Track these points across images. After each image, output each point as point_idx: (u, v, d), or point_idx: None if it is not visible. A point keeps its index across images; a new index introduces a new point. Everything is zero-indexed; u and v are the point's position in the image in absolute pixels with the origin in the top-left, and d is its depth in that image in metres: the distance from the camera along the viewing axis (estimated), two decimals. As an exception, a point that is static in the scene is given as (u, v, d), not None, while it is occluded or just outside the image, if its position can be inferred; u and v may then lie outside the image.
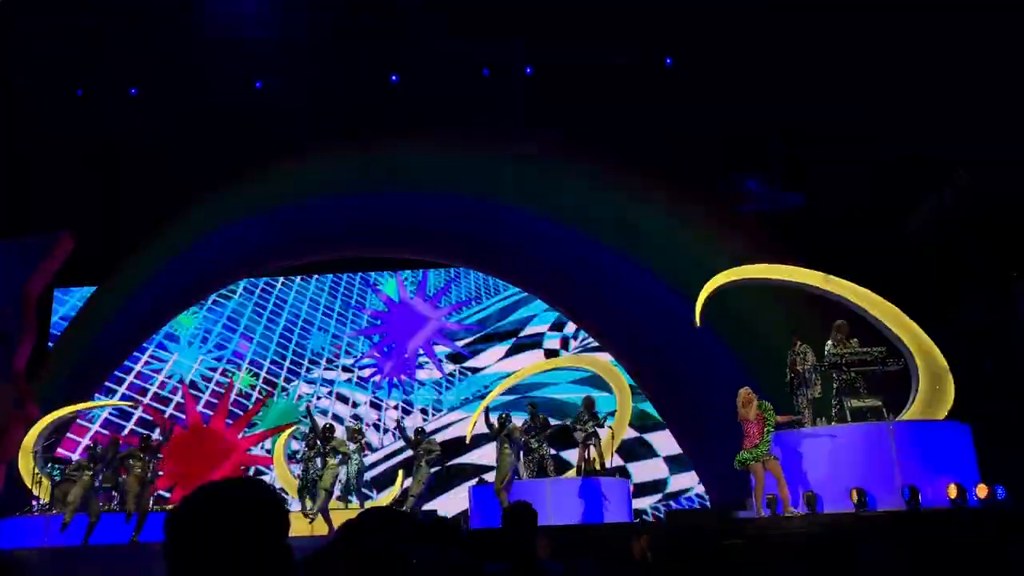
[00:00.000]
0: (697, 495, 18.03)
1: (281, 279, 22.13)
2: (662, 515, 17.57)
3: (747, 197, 16.17)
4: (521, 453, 12.92)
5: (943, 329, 11.37)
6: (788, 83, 14.85)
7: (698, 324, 11.72)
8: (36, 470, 14.94)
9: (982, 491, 9.30)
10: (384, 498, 17.17)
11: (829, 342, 10.89)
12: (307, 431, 15.35)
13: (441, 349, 20.97)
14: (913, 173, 14.35)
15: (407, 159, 16.78)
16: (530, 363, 18.80)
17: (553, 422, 13.70)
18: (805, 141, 15.29)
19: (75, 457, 16.93)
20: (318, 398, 20.46)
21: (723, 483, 14.35)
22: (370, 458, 17.90)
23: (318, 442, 13.20)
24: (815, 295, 11.82)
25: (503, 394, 16.95)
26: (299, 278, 22.13)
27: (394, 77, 16.65)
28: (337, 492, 13.37)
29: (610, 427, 14.17)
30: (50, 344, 19.16)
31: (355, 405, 20.44)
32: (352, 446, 13.65)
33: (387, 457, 19.47)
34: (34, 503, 14.84)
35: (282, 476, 17.14)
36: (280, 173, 17.49)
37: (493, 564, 3.97)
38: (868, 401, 10.67)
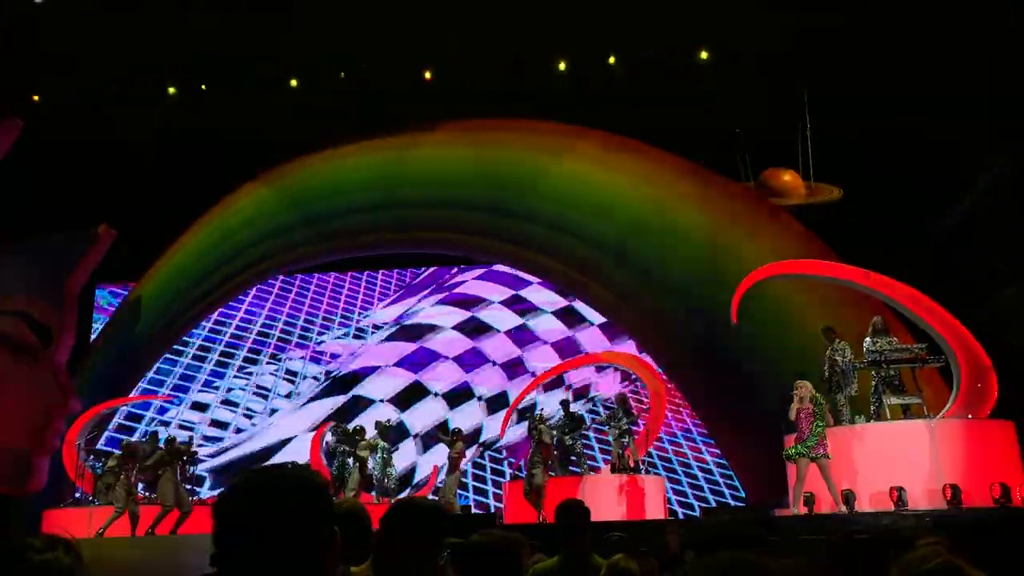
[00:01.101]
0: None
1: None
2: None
3: (782, 191, 16.00)
4: (554, 450, 12.99)
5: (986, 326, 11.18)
6: (825, 73, 14.69)
7: (735, 320, 11.64)
8: (79, 462, 15.22)
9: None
10: (417, 495, 17.26)
11: (868, 338, 10.74)
12: (339, 428, 15.58)
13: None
14: (952, 167, 14.12)
15: (434, 153, 16.82)
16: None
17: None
18: (841, 134, 15.08)
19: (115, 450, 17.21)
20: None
21: (759, 481, 14.23)
22: (403, 455, 17.98)
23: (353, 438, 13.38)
24: (854, 291, 11.69)
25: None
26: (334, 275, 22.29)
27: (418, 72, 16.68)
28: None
29: (645, 425, 14.18)
30: (91, 339, 19.49)
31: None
32: (382, 443, 13.80)
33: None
34: (77, 495, 15.14)
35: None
36: (312, 167, 17.62)
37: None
38: (908, 398, 10.53)
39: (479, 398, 19.94)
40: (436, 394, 20.08)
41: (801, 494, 9.91)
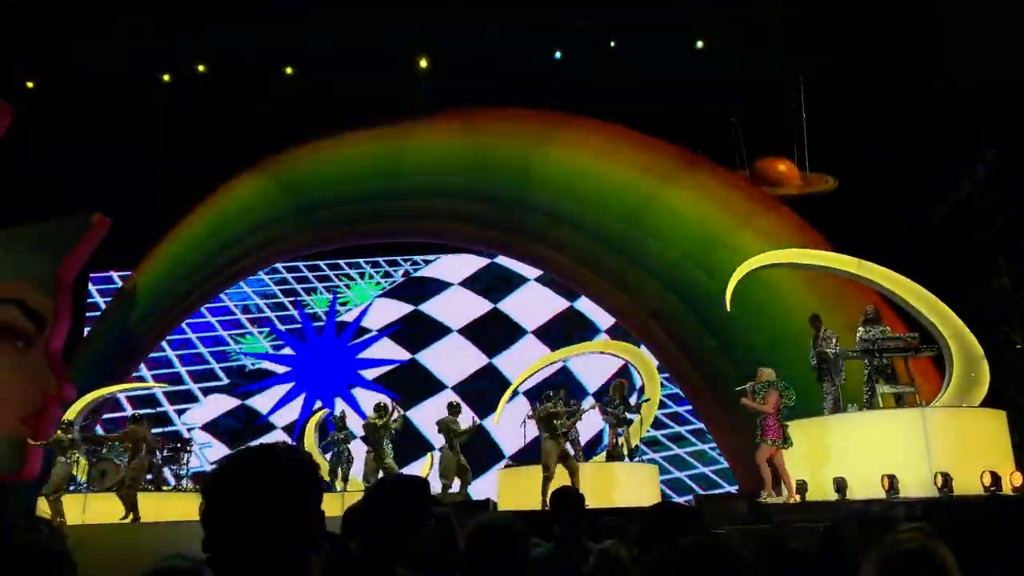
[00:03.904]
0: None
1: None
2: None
3: (777, 180, 16.04)
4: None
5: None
6: (817, 63, 14.71)
7: (728, 309, 11.68)
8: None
9: (1016, 479, 9.18)
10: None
11: (860, 327, 10.78)
12: (338, 417, 15.68)
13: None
14: (944, 155, 14.16)
15: (435, 144, 16.81)
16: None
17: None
18: (835, 120, 15.11)
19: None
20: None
21: (751, 469, 14.29)
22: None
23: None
24: (847, 280, 11.72)
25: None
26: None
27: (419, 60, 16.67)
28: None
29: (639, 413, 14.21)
30: (86, 327, 19.46)
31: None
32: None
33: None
34: (72, 481, 15.13)
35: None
36: (310, 157, 17.60)
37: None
38: (900, 387, 10.58)
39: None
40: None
41: (792, 479, 10.04)
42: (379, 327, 21.12)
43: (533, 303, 20.98)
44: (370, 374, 20.64)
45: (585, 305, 20.19)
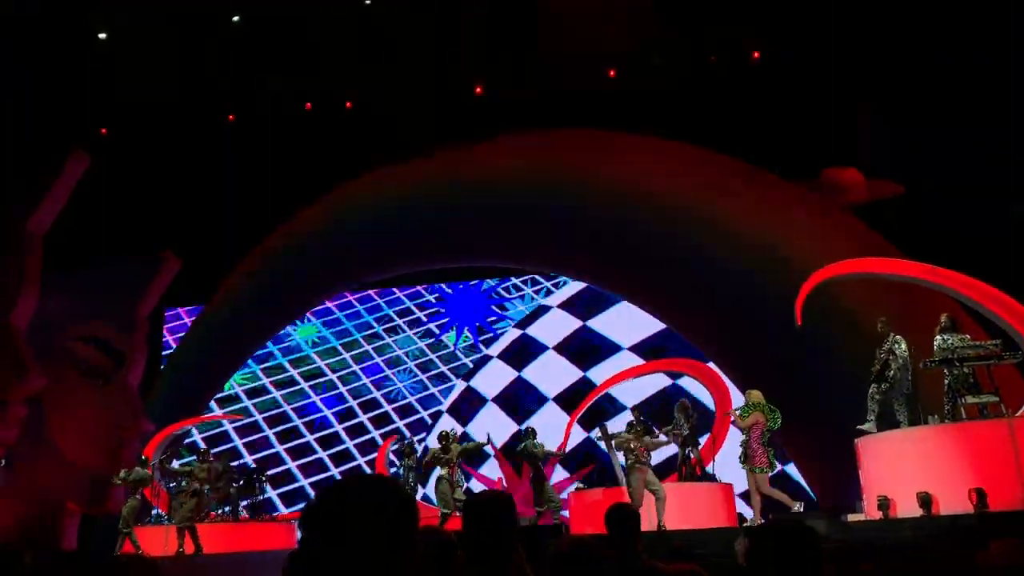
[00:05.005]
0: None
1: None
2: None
3: (844, 188, 15.70)
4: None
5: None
6: (883, 68, 14.41)
7: (799, 323, 11.43)
8: (155, 482, 15.60)
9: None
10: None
11: (938, 336, 10.42)
12: (404, 443, 15.74)
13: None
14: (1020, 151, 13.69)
15: (499, 165, 16.91)
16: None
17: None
18: (904, 124, 14.76)
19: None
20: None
21: (831, 486, 13.93)
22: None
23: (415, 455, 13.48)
24: (921, 289, 11.37)
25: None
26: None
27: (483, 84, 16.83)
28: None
29: (711, 433, 14.01)
30: (162, 361, 20.01)
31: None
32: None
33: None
34: (153, 513, 15.50)
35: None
36: (377, 183, 17.87)
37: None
38: (984, 397, 10.18)
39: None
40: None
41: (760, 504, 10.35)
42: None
43: (627, 321, 20.61)
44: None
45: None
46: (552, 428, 16.01)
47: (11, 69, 14.49)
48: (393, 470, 16.10)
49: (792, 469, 16.81)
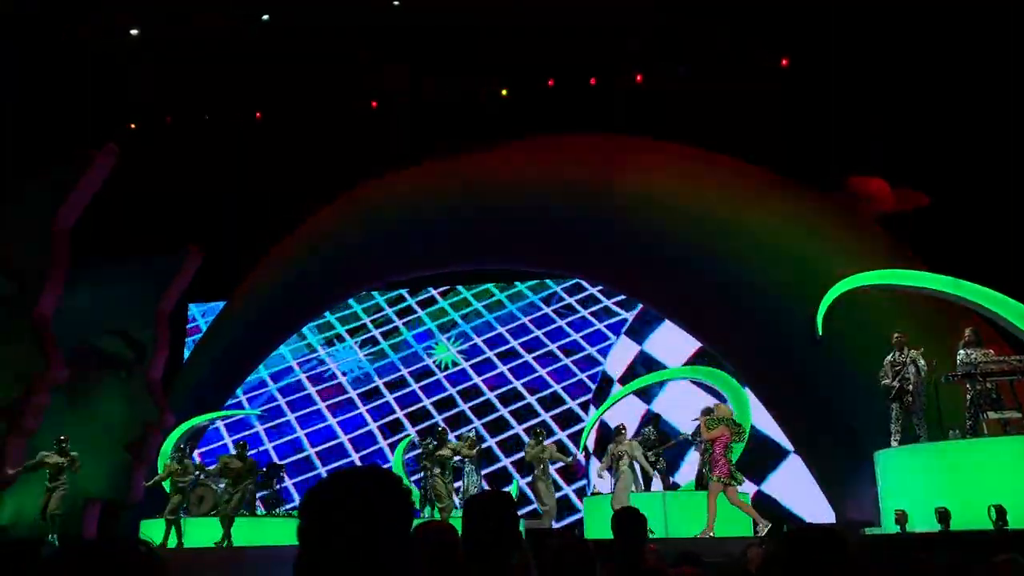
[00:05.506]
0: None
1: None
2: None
3: (870, 197, 15.56)
4: (637, 467, 12.99)
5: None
6: (910, 78, 14.28)
7: (819, 334, 11.36)
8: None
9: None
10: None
11: (961, 350, 10.31)
12: (424, 439, 15.65)
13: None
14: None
15: (509, 168, 16.93)
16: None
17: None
18: (930, 135, 14.61)
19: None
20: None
21: (849, 500, 13.80)
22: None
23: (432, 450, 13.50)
24: (944, 301, 11.26)
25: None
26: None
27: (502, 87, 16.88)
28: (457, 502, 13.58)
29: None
30: (185, 355, 20.21)
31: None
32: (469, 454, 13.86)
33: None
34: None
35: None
36: (396, 184, 17.94)
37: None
38: (1007, 413, 10.06)
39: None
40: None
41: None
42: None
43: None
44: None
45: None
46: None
47: (36, 67, 14.71)
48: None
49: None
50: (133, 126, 17.95)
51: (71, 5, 14.59)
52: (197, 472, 14.56)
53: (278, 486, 16.11)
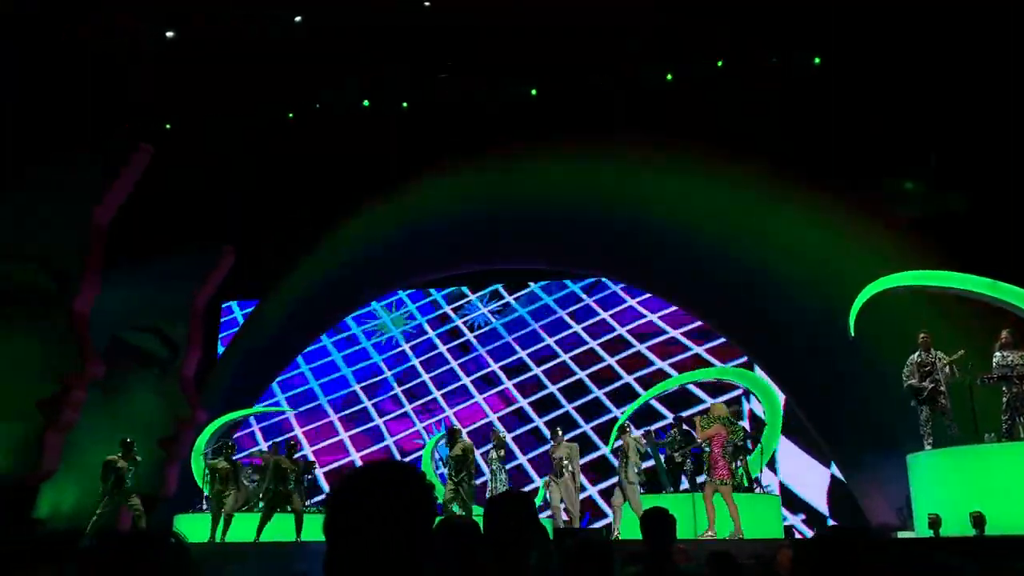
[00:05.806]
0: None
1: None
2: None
3: (903, 200, 15.37)
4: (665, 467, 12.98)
5: None
6: (946, 80, 14.07)
7: (852, 335, 11.25)
8: (206, 471, 15.94)
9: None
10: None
11: (997, 352, 10.15)
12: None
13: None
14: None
15: (540, 170, 16.96)
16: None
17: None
18: (966, 137, 14.38)
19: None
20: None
21: (877, 499, 13.67)
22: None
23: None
24: (980, 303, 11.09)
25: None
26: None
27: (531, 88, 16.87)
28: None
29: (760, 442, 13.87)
30: (218, 353, 20.43)
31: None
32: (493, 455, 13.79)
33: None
34: (204, 502, 15.83)
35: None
36: (428, 184, 18.04)
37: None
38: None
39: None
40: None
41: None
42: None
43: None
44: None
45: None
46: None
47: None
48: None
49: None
50: (168, 126, 18.16)
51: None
52: (252, 472, 14.63)
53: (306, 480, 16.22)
